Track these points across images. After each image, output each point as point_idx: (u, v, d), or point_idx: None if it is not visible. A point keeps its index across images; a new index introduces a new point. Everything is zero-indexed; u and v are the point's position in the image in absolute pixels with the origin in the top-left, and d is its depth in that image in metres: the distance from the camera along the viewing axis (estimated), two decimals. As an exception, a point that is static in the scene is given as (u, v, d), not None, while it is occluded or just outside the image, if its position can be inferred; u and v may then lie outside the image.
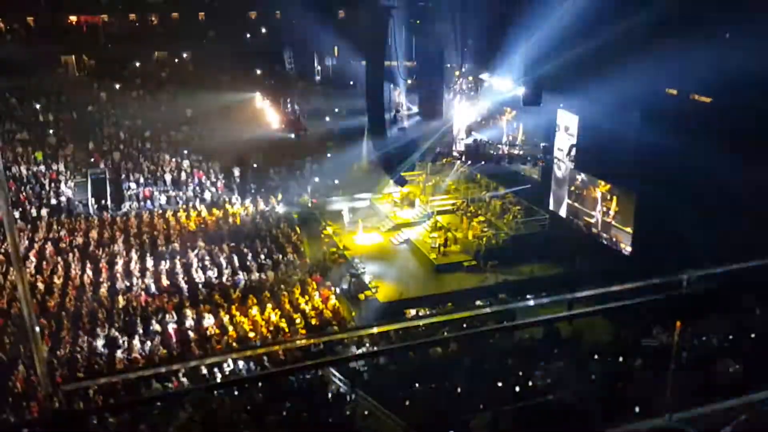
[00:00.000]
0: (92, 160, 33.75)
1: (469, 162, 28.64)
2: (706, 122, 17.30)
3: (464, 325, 17.48)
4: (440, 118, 25.64)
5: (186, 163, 34.24)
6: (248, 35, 46.86)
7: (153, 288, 22.36)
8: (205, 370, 16.08)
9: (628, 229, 22.03)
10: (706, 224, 16.40)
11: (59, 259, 24.27)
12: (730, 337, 13.04)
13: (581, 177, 24.37)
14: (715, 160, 15.60)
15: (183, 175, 33.19)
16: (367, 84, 23.41)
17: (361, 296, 23.03)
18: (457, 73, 27.46)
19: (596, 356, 16.50)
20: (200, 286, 22.55)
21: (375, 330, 16.74)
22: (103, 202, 30.58)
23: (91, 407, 9.56)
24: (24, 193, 29.96)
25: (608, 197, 23.02)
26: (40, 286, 21.99)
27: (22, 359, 17.43)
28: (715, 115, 17.68)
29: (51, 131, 35.60)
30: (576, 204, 24.79)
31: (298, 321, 20.20)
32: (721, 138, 16.01)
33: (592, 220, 23.91)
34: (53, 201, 30.00)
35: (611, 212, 22.87)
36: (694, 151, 16.01)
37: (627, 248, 22.06)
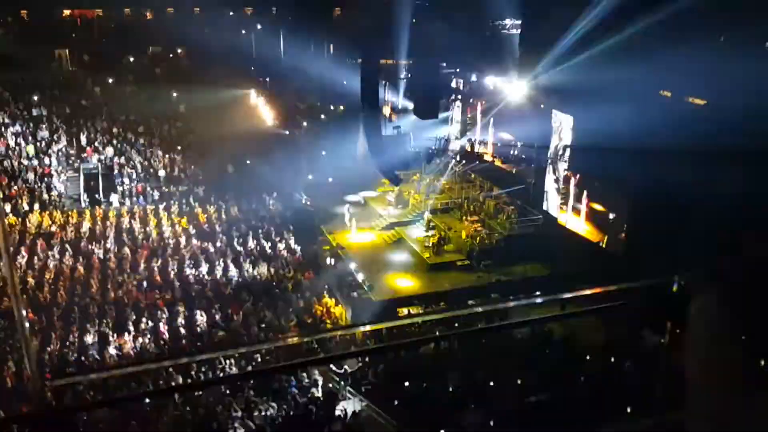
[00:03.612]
0: (85, 154, 33.57)
1: (464, 161, 28.67)
2: (701, 124, 17.37)
3: (456, 324, 17.55)
4: (435, 117, 25.61)
5: (179, 159, 34.11)
6: (243, 31, 46.79)
7: (145, 284, 22.26)
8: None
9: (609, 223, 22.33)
10: (699, 226, 16.46)
11: (50, 254, 24.13)
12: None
13: (564, 173, 24.55)
14: (709, 163, 15.66)
15: (176, 171, 33.06)
16: (362, 82, 23.36)
17: (354, 294, 23.01)
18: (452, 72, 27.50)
19: (588, 357, 16.59)
20: (192, 282, 22.47)
21: (368, 328, 16.76)
22: (95, 197, 30.42)
23: (81, 403, 9.51)
24: (16, 187, 29.77)
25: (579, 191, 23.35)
26: (31, 281, 21.86)
27: (12, 355, 17.33)
28: (709, 117, 17.76)
29: (44, 125, 35.39)
30: (566, 202, 24.96)
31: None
32: (717, 140, 16.08)
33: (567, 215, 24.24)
34: (45, 195, 29.82)
35: (584, 207, 23.23)
36: (688, 153, 16.07)
37: (609, 242, 22.38)
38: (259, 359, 16.30)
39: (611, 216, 22.55)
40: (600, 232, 23.50)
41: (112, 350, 18.32)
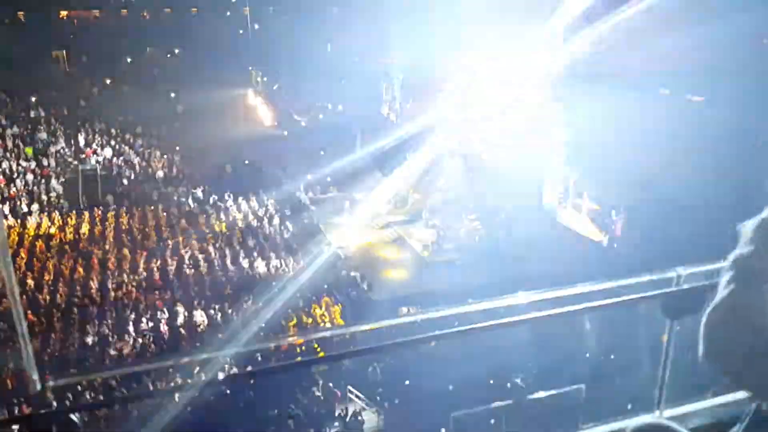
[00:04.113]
0: (83, 155, 33.54)
1: (463, 159, 28.66)
2: (699, 121, 17.37)
3: (456, 323, 17.61)
4: (434, 114, 25.63)
5: (178, 160, 34.11)
6: (240, 31, 46.75)
7: (144, 284, 22.26)
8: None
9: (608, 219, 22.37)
10: (698, 222, 16.47)
11: (49, 255, 24.12)
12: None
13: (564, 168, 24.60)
14: (709, 159, 15.67)
15: (175, 172, 33.07)
16: (361, 80, 23.37)
17: (353, 293, 23.02)
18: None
19: (587, 354, 16.61)
20: (192, 282, 22.47)
21: (366, 327, 16.80)
22: (94, 198, 30.40)
23: (81, 403, 9.50)
24: (14, 189, 29.75)
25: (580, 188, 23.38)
26: (30, 282, 21.84)
27: (12, 356, 17.32)
28: (708, 114, 17.76)
29: (42, 126, 35.35)
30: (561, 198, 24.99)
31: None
32: (715, 137, 16.08)
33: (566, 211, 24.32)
34: (44, 197, 29.81)
35: (584, 204, 23.24)
36: (687, 149, 16.08)
37: (608, 237, 22.44)
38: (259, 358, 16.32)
39: (614, 213, 22.57)
40: (600, 229, 23.53)
41: (112, 351, 18.33)
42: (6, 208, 27.53)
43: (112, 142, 35.04)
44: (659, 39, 17.41)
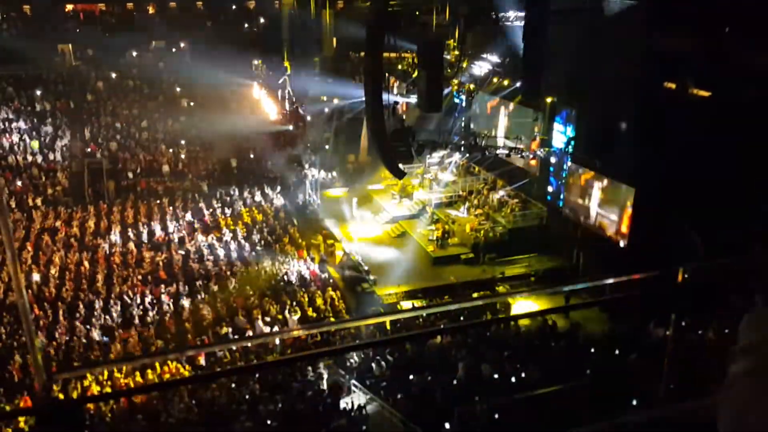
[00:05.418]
0: (89, 149, 33.64)
1: (468, 154, 28.58)
2: (705, 116, 17.26)
3: (461, 318, 17.60)
4: (439, 109, 25.56)
5: (183, 154, 34.17)
6: (246, 25, 46.74)
7: (150, 277, 22.33)
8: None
9: (614, 216, 22.21)
10: (704, 218, 16.40)
11: (55, 248, 24.22)
12: (726, 330, 13.10)
13: (570, 165, 24.47)
14: (713, 154, 15.59)
15: (180, 166, 33.13)
16: (366, 75, 23.33)
17: (359, 288, 23.04)
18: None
19: (592, 349, 16.58)
20: (197, 276, 22.52)
21: (372, 321, 16.79)
22: (99, 192, 30.50)
23: (87, 395, 9.57)
24: (20, 183, 29.86)
25: (593, 184, 23.19)
26: (36, 276, 21.95)
27: (18, 349, 17.44)
28: (714, 109, 17.64)
29: (48, 120, 35.46)
30: (570, 196, 24.82)
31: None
32: (720, 132, 15.99)
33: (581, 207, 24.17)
34: (49, 190, 29.92)
35: (596, 199, 23.08)
36: (692, 144, 16.00)
37: (613, 235, 22.27)
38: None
39: (628, 206, 22.37)
40: (611, 226, 23.34)
41: (117, 344, 18.42)
42: (12, 202, 27.66)
43: (118, 136, 35.12)
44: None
